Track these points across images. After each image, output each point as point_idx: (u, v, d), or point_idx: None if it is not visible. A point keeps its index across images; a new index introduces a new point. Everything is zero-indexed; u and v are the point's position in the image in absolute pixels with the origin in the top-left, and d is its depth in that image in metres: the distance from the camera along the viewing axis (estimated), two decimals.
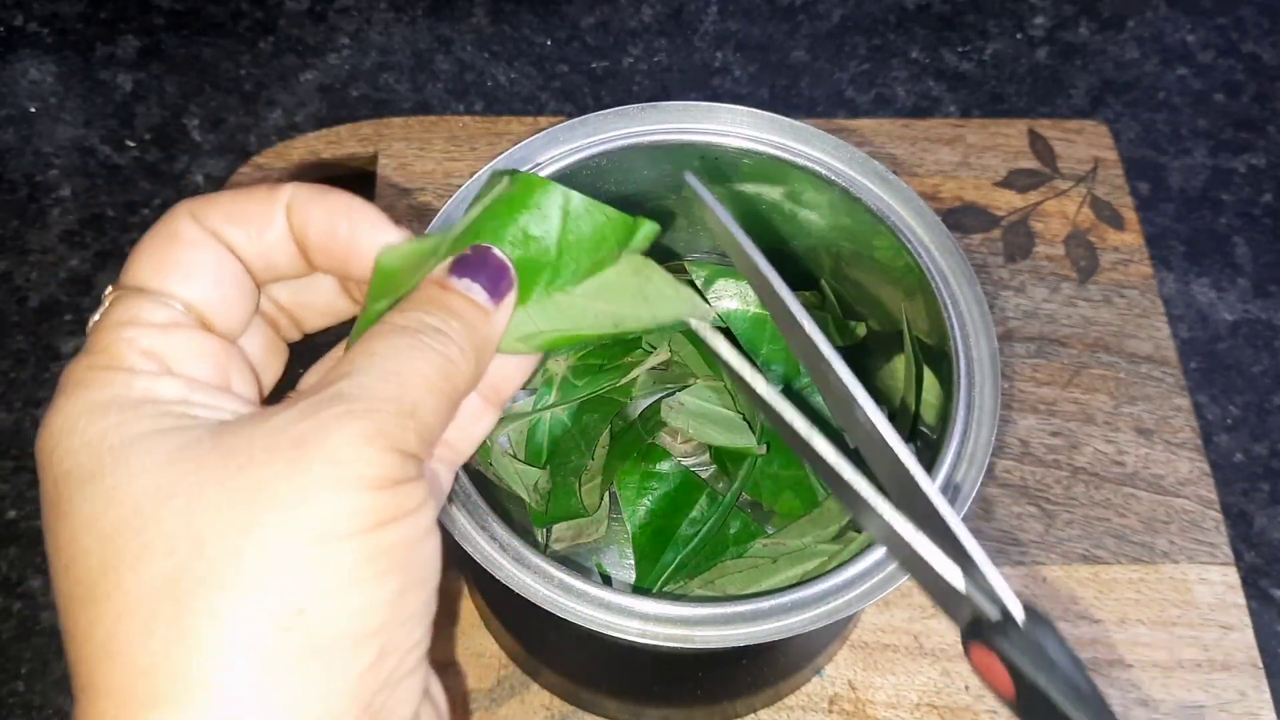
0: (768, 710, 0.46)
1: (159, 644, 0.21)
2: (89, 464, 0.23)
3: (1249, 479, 0.55)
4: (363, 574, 0.22)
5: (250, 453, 0.23)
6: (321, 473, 0.22)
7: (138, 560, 0.22)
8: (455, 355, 0.26)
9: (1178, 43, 0.70)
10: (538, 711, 0.46)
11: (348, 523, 0.22)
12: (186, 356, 0.25)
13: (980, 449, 0.36)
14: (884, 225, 0.39)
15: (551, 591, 0.34)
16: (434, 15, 0.69)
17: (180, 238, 0.26)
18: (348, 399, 0.23)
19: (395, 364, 0.25)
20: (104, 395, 0.24)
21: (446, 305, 0.27)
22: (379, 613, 0.23)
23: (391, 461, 0.23)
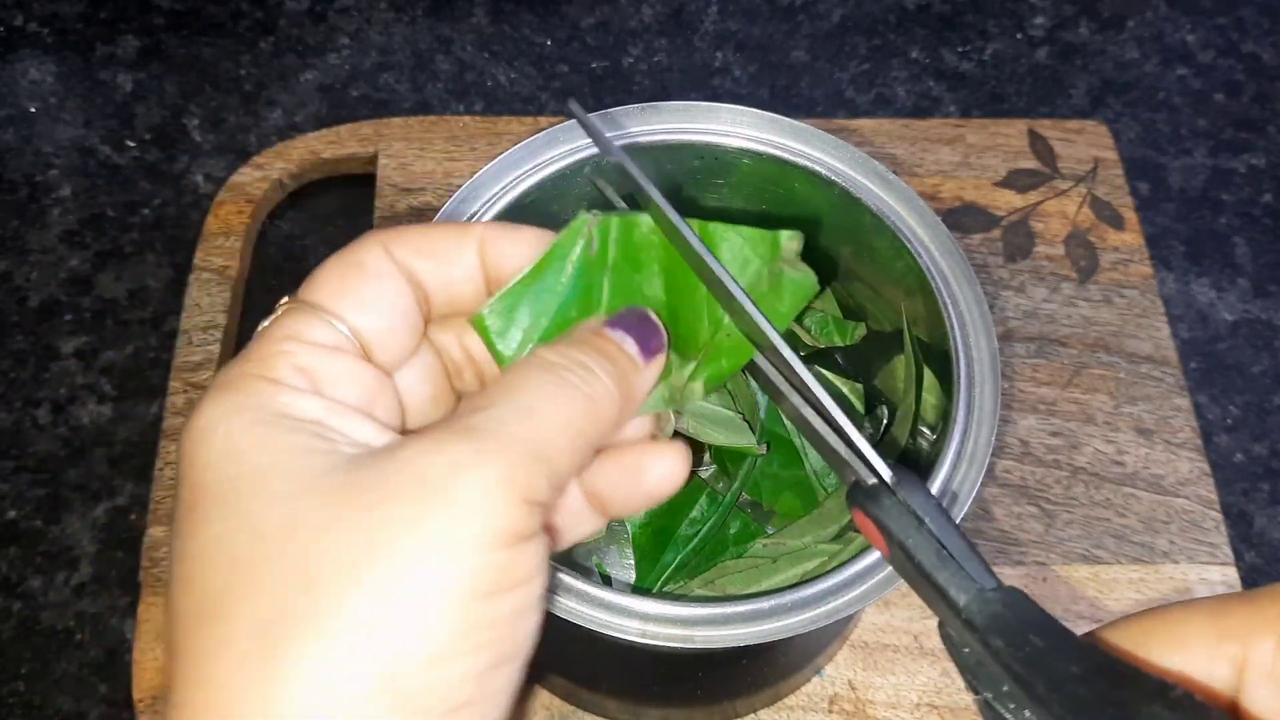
0: (768, 710, 0.46)
1: (252, 680, 0.21)
2: (228, 479, 0.23)
3: (1249, 479, 0.55)
4: (463, 645, 0.22)
5: (378, 491, 0.22)
6: (444, 524, 0.22)
7: (250, 592, 0.22)
8: (600, 396, 0.25)
9: (1178, 43, 0.70)
10: (538, 711, 0.46)
11: (461, 585, 0.22)
12: (339, 381, 0.25)
13: (980, 449, 0.36)
14: (884, 225, 0.39)
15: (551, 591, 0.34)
16: (434, 15, 0.69)
17: (364, 266, 0.26)
18: (481, 435, 0.23)
19: (534, 399, 0.24)
20: (249, 402, 0.24)
21: (599, 348, 0.26)
22: (469, 686, 0.22)
23: (518, 514, 0.22)
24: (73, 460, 0.53)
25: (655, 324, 0.28)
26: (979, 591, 0.25)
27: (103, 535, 0.51)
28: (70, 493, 0.53)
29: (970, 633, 0.25)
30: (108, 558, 0.51)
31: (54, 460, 0.53)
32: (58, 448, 0.54)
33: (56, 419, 0.54)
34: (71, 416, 0.54)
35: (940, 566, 0.26)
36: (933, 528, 0.27)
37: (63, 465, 0.53)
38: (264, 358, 0.25)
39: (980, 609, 0.25)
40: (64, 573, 0.51)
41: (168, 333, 0.57)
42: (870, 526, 0.28)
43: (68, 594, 0.50)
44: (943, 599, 0.26)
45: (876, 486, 0.28)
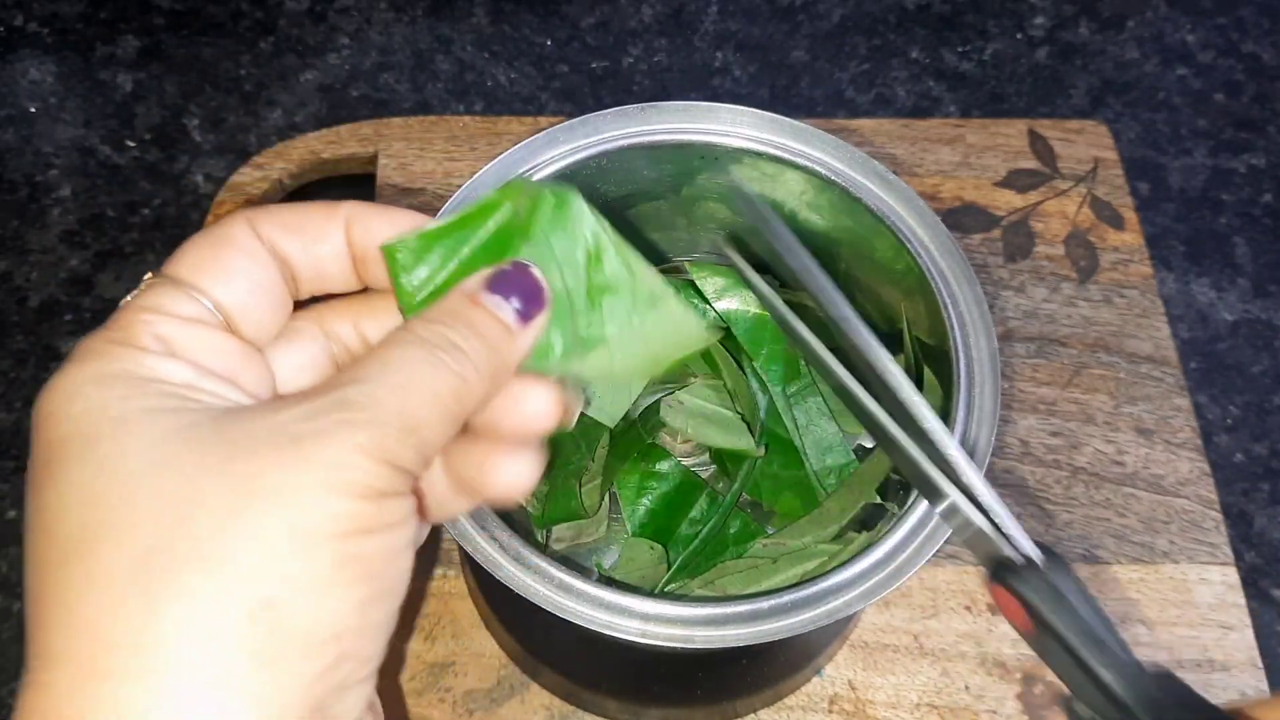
0: (768, 710, 0.46)
1: (125, 616, 0.21)
2: (87, 430, 0.23)
3: (1249, 479, 0.55)
4: (336, 577, 0.23)
5: (249, 444, 0.23)
6: (313, 474, 0.22)
7: (120, 529, 0.22)
8: (470, 375, 0.26)
9: (1178, 43, 0.70)
10: (538, 711, 0.46)
11: (330, 525, 0.22)
12: (201, 350, 0.25)
13: (980, 449, 0.36)
14: (884, 225, 0.39)
15: (551, 591, 0.34)
16: (434, 15, 0.69)
17: (229, 240, 0.27)
18: (352, 406, 0.23)
19: (406, 376, 0.25)
20: (112, 367, 0.24)
21: (471, 322, 0.27)
22: (344, 618, 0.23)
23: (383, 473, 0.23)
24: None
25: (537, 283, 0.28)
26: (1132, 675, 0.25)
27: None
28: None
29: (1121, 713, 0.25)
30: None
31: None
32: None
33: None
34: None
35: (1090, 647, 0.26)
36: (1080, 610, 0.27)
37: None
38: (125, 326, 0.25)
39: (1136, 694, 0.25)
40: None
41: None
42: (1012, 603, 0.28)
43: None
44: (1090, 679, 0.26)
45: (1025, 565, 0.28)
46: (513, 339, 0.27)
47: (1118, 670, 0.26)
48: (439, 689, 0.46)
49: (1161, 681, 0.25)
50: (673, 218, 0.45)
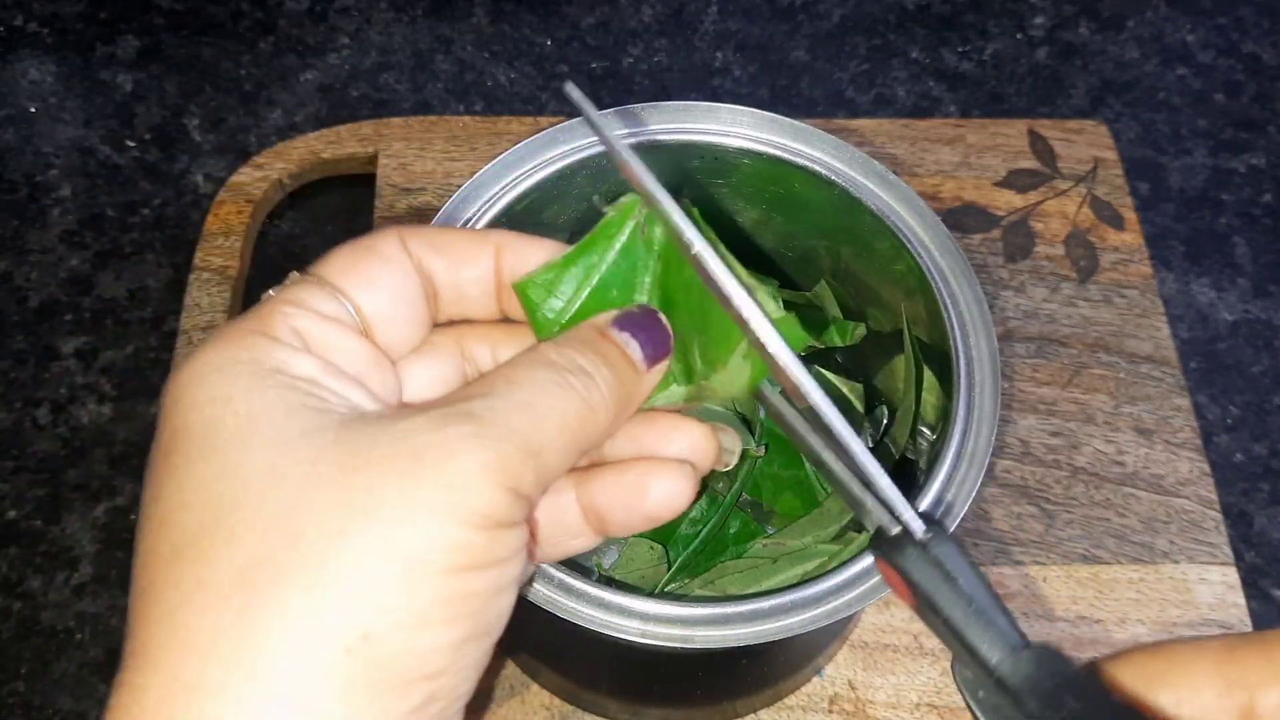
0: (768, 710, 0.46)
1: (224, 628, 0.21)
2: (213, 423, 0.23)
3: (1249, 479, 0.55)
4: (438, 615, 0.22)
5: (369, 455, 0.22)
6: (431, 496, 0.22)
7: (232, 535, 0.22)
8: (597, 403, 0.25)
9: (1178, 43, 0.70)
10: (538, 711, 0.46)
11: (442, 558, 0.22)
12: (333, 348, 0.25)
13: (980, 449, 0.36)
14: (884, 225, 0.39)
15: (551, 591, 0.34)
16: (434, 15, 0.69)
17: (377, 251, 0.27)
18: (478, 421, 0.23)
19: (533, 396, 0.24)
20: (242, 355, 0.24)
21: (602, 352, 0.26)
22: (441, 657, 0.22)
23: (503, 501, 0.23)
24: (73, 460, 0.53)
25: (664, 328, 0.28)
26: (1011, 650, 0.25)
27: (103, 535, 0.51)
28: (70, 493, 0.53)
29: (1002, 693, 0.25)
30: (108, 558, 0.51)
31: (54, 460, 0.53)
32: (58, 448, 0.54)
33: (56, 419, 0.54)
34: (71, 416, 0.54)
35: (970, 623, 0.26)
36: (961, 582, 0.26)
37: (63, 465, 0.53)
38: (262, 317, 0.25)
39: (1013, 669, 0.25)
40: (64, 573, 0.51)
41: (168, 333, 0.57)
42: (894, 576, 0.27)
43: (68, 594, 0.50)
44: (972, 656, 0.25)
45: (901, 536, 0.27)
46: (639, 377, 0.27)
47: (994, 645, 0.25)
48: None
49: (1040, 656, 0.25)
50: None
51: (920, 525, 0.27)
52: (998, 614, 0.26)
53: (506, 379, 0.25)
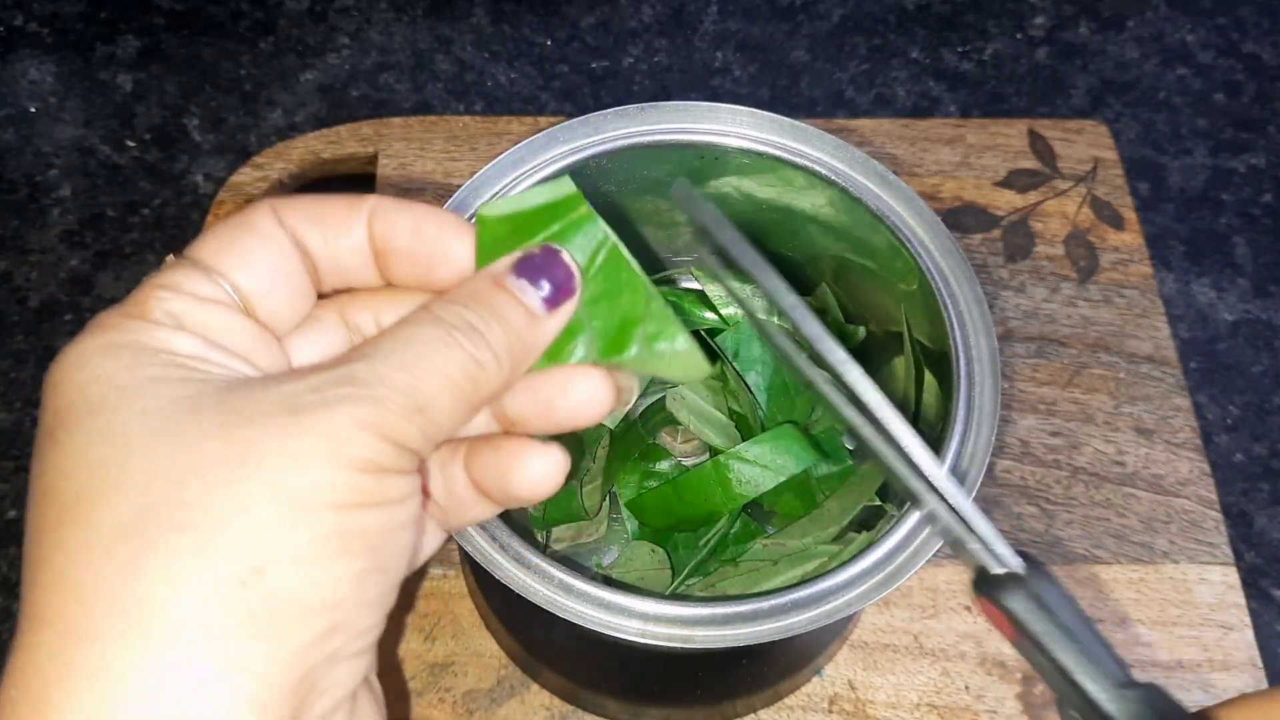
0: (768, 710, 0.46)
1: (113, 577, 0.21)
2: (91, 398, 0.23)
3: (1249, 479, 0.55)
4: (329, 548, 0.22)
5: (249, 413, 0.23)
6: (311, 444, 0.22)
7: (113, 492, 0.22)
8: (486, 359, 0.25)
9: (1178, 43, 0.70)
10: (538, 711, 0.46)
11: (326, 495, 0.22)
12: (213, 327, 0.25)
13: (980, 449, 0.36)
14: (884, 225, 0.39)
15: (551, 591, 0.34)
16: (434, 15, 0.69)
17: (252, 227, 0.26)
18: (357, 382, 0.23)
19: (417, 355, 0.24)
20: (121, 338, 0.24)
21: (492, 305, 0.26)
22: (337, 589, 0.23)
23: (384, 450, 0.23)
24: None
25: (567, 268, 0.27)
26: (1117, 687, 0.25)
27: None
28: None
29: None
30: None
31: None
32: None
33: None
34: None
35: (1075, 660, 0.26)
36: (1065, 619, 0.26)
37: None
38: (139, 301, 0.25)
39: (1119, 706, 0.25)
40: None
41: None
42: (997, 615, 0.27)
43: None
44: (1077, 693, 0.26)
45: (1005, 576, 0.28)
46: (536, 325, 0.27)
47: (1100, 681, 0.25)
48: (439, 689, 0.46)
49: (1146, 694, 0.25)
50: (674, 217, 0.45)
51: (1019, 561, 0.28)
52: (1100, 650, 0.26)
53: (391, 338, 0.25)
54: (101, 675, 0.21)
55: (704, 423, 0.46)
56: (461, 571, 0.48)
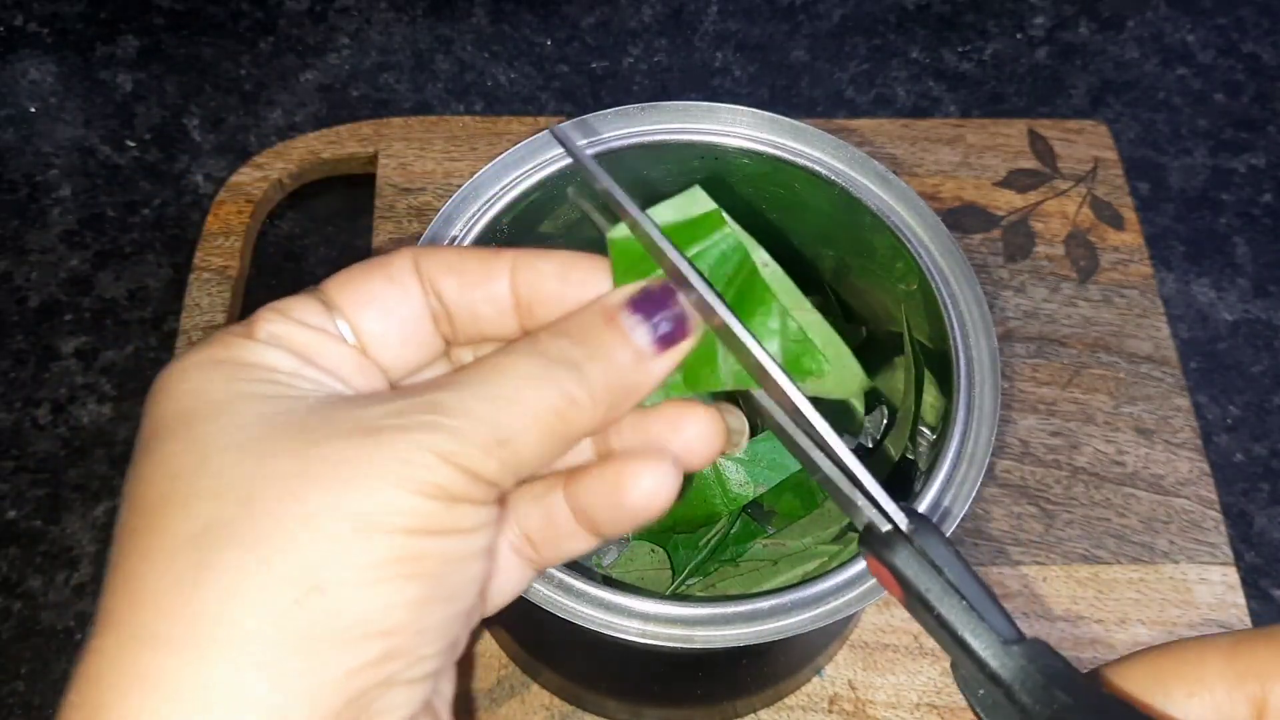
0: (768, 710, 0.46)
1: (175, 587, 0.22)
2: (187, 410, 0.24)
3: (1249, 479, 0.55)
4: (389, 571, 0.22)
5: (328, 431, 0.23)
6: (382, 466, 0.22)
7: (187, 503, 0.22)
8: (581, 397, 0.25)
9: (1178, 43, 0.70)
10: (538, 711, 0.46)
11: (392, 519, 0.22)
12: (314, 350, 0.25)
13: (980, 449, 0.36)
14: (884, 225, 0.39)
15: (551, 591, 0.34)
16: (434, 15, 0.69)
17: (386, 270, 0.26)
18: (440, 409, 0.23)
19: (508, 388, 0.24)
20: (223, 354, 0.24)
21: (599, 341, 0.26)
22: (394, 613, 0.22)
23: (457, 478, 0.23)
24: (73, 460, 0.53)
25: (682, 311, 0.26)
26: (1002, 644, 0.25)
27: (103, 535, 0.51)
28: (70, 493, 0.53)
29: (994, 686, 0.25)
30: (108, 558, 0.51)
31: (54, 460, 0.53)
32: (58, 448, 0.54)
33: (56, 419, 0.54)
34: (71, 416, 0.54)
35: (961, 618, 0.25)
36: (951, 576, 0.26)
37: (63, 465, 0.53)
38: (249, 321, 0.25)
39: (1003, 663, 0.25)
40: (64, 573, 0.51)
41: (168, 333, 0.57)
42: (884, 573, 0.27)
43: (68, 594, 0.50)
44: (963, 650, 0.25)
45: (891, 533, 0.27)
46: (643, 366, 0.26)
47: (985, 638, 0.25)
48: None
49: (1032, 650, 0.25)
50: None
51: (905, 519, 0.27)
52: (989, 607, 0.26)
53: (485, 367, 0.25)
54: (154, 684, 0.21)
55: None
56: None
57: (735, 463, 0.41)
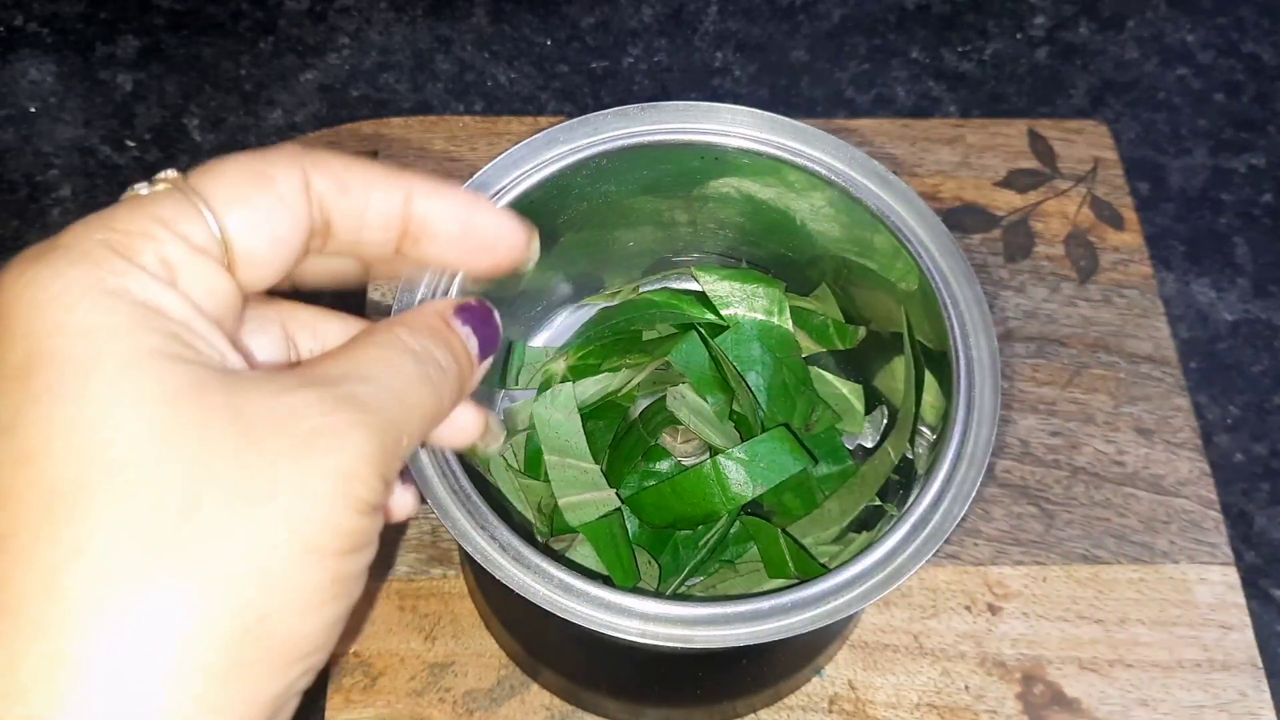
0: (768, 710, 0.46)
1: (115, 601, 0.20)
2: (85, 358, 0.21)
3: (1249, 479, 0.55)
4: (327, 595, 0.22)
5: (263, 426, 0.22)
6: (326, 486, 0.22)
7: (122, 499, 0.20)
8: (446, 397, 0.25)
9: (1178, 43, 0.70)
10: (538, 711, 0.46)
11: (336, 541, 0.22)
12: (199, 288, 0.23)
13: (980, 449, 0.36)
14: (884, 225, 0.39)
15: (551, 591, 0.34)
16: (434, 15, 0.69)
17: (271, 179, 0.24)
18: (364, 409, 0.23)
19: (404, 387, 0.24)
20: (111, 282, 0.22)
21: (450, 344, 0.26)
22: (323, 635, 0.22)
23: (379, 489, 0.23)
24: None
25: (496, 325, 0.28)
26: None
27: None
28: None
29: None
30: None
31: None
32: None
33: None
34: None
35: None
36: None
37: None
38: (129, 235, 0.23)
39: None
40: None
41: None
42: None
43: None
44: None
45: None
46: (474, 372, 0.27)
47: None
48: (439, 689, 0.46)
49: None
50: (674, 217, 0.45)
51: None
52: None
53: (382, 361, 0.24)
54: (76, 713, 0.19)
55: (704, 423, 0.46)
56: (461, 571, 0.48)
57: (735, 462, 0.41)
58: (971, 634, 0.48)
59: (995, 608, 0.49)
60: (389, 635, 0.47)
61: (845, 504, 0.43)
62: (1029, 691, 0.47)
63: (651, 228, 0.46)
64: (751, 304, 0.45)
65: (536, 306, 0.48)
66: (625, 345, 0.47)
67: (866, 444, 0.47)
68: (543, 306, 0.48)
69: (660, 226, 0.46)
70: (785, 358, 0.45)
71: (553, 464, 0.43)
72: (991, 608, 0.49)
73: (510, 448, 0.46)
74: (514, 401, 0.47)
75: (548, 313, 0.49)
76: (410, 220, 0.26)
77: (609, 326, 0.47)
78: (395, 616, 0.47)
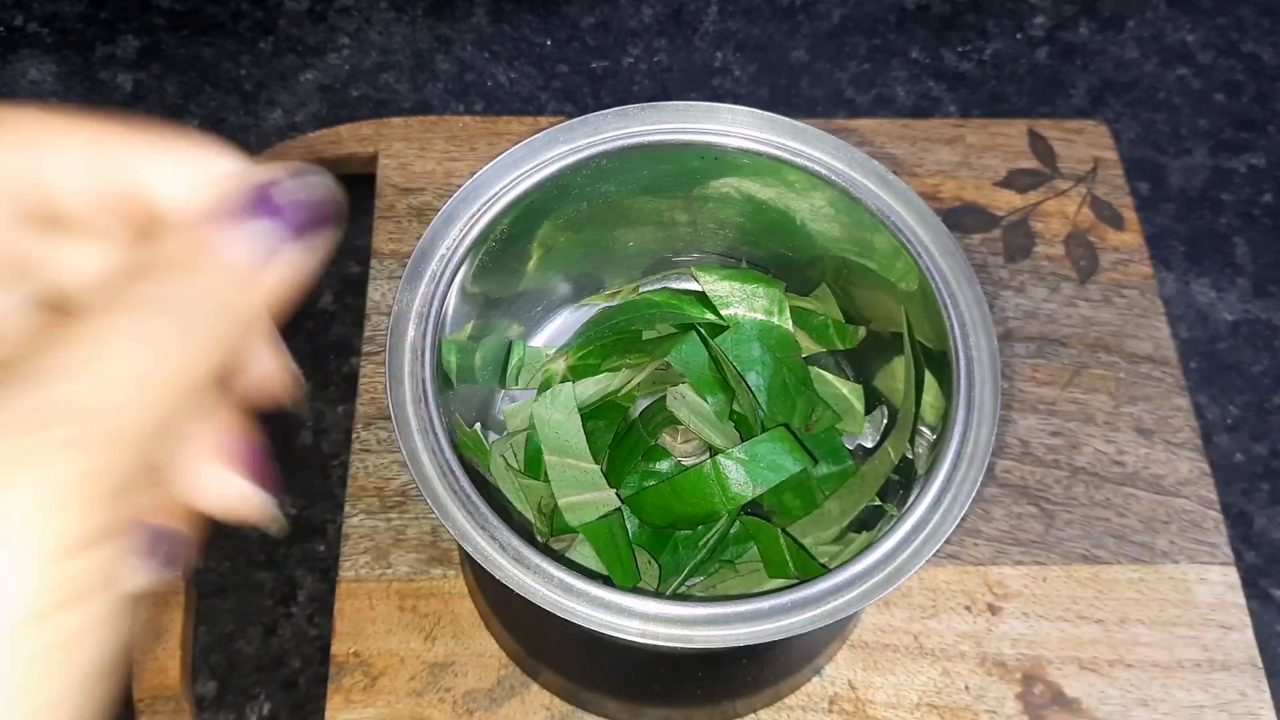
0: (768, 710, 0.46)
1: None
2: None
3: (1249, 479, 0.55)
4: (32, 674, 0.17)
5: None
6: (23, 531, 0.17)
7: None
8: (203, 352, 0.19)
9: (1178, 43, 0.70)
10: (538, 711, 0.46)
11: (22, 610, 0.16)
12: None
13: (980, 449, 0.36)
14: (884, 225, 0.39)
15: (551, 591, 0.34)
16: (434, 15, 0.69)
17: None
18: (61, 418, 0.17)
19: (116, 362, 0.18)
20: None
21: (190, 268, 0.20)
22: (53, 712, 0.17)
23: (91, 516, 0.17)
24: None
25: (318, 190, 0.21)
26: None
27: None
28: None
29: None
30: None
31: None
32: None
33: None
34: None
35: None
36: None
37: None
38: None
39: None
40: None
41: None
42: None
43: None
44: None
45: None
46: (250, 284, 0.20)
47: None
48: (439, 689, 0.46)
49: None
50: (674, 217, 0.45)
51: None
52: None
53: (90, 339, 0.18)
54: None
55: (704, 423, 0.46)
56: (462, 571, 0.48)
57: (735, 462, 0.41)
58: (971, 634, 0.48)
59: (995, 608, 0.49)
60: (389, 635, 0.47)
61: (845, 504, 0.43)
62: (1029, 691, 0.47)
63: (651, 228, 0.46)
64: (751, 304, 0.45)
65: (536, 306, 0.48)
66: (625, 345, 0.47)
67: (866, 444, 0.47)
68: (543, 306, 0.48)
69: (660, 226, 0.46)
70: (785, 358, 0.45)
71: (553, 464, 0.43)
72: (991, 608, 0.49)
73: (510, 448, 0.46)
74: (514, 401, 0.47)
75: (548, 313, 0.49)
76: (130, 185, 0.21)
77: (609, 326, 0.47)
78: (395, 616, 0.47)
